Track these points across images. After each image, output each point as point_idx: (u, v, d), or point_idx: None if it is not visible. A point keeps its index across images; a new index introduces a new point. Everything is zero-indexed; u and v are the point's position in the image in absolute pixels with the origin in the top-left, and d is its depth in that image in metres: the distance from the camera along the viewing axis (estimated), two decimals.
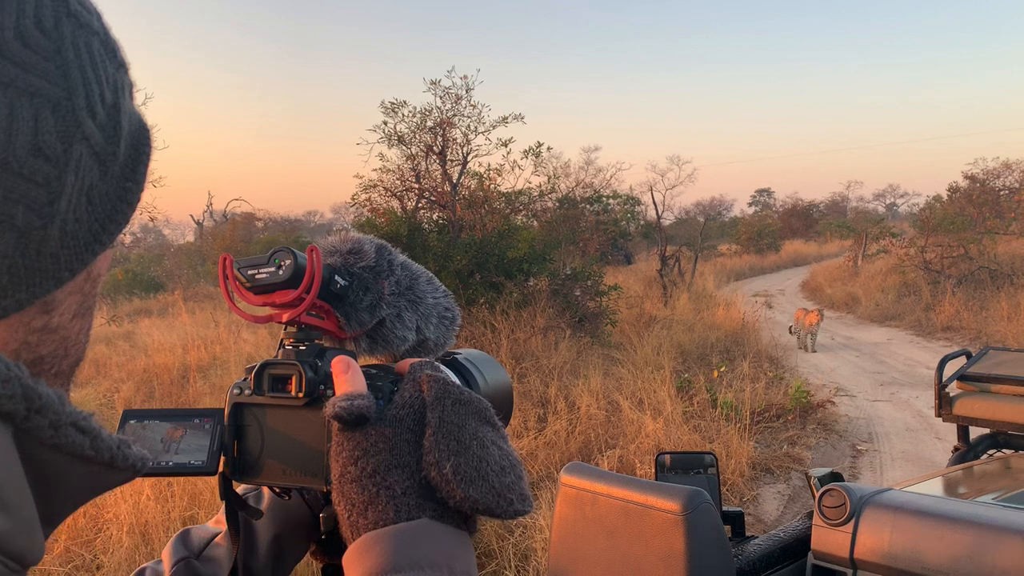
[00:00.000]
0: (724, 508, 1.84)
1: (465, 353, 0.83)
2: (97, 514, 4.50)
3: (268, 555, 0.79)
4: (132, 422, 0.69)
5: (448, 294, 0.80)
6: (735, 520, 1.89)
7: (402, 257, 0.77)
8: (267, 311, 0.69)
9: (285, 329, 0.69)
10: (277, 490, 0.72)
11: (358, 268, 0.72)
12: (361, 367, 0.68)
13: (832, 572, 1.82)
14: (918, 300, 15.70)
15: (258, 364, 0.68)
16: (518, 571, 4.05)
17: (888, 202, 69.78)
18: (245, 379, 0.69)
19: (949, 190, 21.39)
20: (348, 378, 0.63)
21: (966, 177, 20.66)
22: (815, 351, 11.80)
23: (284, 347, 0.69)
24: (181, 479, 4.68)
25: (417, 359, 0.67)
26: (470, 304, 9.93)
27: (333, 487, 0.61)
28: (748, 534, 1.92)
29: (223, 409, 0.70)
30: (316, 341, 0.69)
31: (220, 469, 0.69)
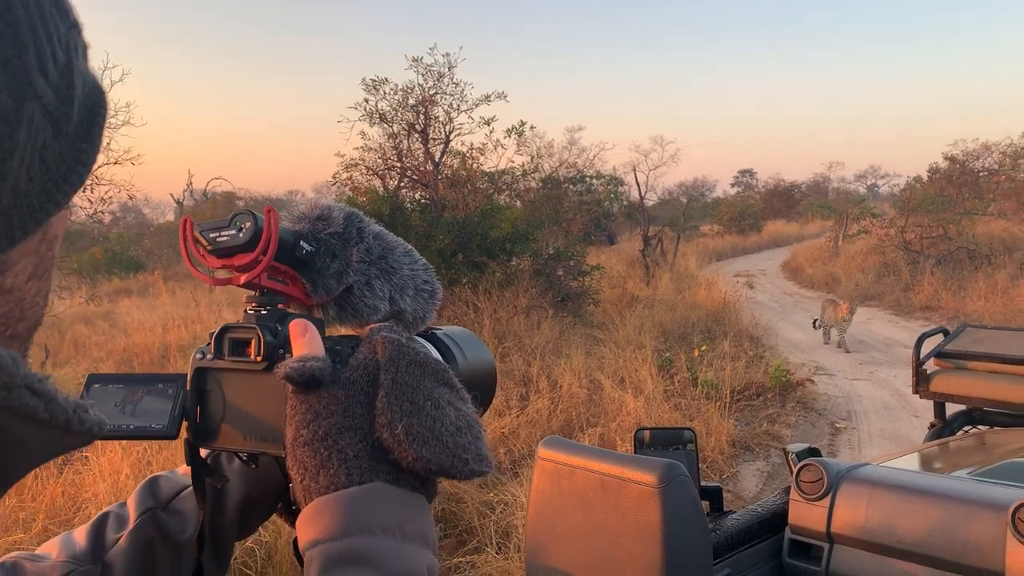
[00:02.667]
0: (702, 484, 1.85)
1: (447, 329, 0.82)
2: (76, 493, 4.48)
3: (235, 514, 0.79)
4: (96, 386, 0.68)
5: (428, 267, 0.79)
6: (713, 495, 1.90)
7: (376, 227, 0.75)
8: (226, 274, 0.68)
9: (248, 295, 0.68)
10: (244, 456, 0.71)
11: (325, 234, 0.70)
12: (328, 337, 0.67)
13: (809, 546, 1.84)
14: (898, 280, 15.84)
15: (219, 328, 0.67)
16: (499, 548, 4.07)
17: (869, 183, 70.24)
18: (208, 344, 0.68)
19: (929, 171, 21.53)
20: (305, 341, 0.63)
21: (946, 158, 20.79)
22: (848, 351, 10.31)
23: (246, 311, 0.68)
24: (161, 457, 4.66)
25: (378, 324, 0.65)
26: (452, 284, 9.91)
27: (287, 451, 0.60)
28: (726, 509, 1.93)
29: (186, 374, 0.69)
30: (279, 306, 0.68)
31: (185, 435, 0.68)
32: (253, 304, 0.68)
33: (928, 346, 2.84)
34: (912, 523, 1.65)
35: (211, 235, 0.66)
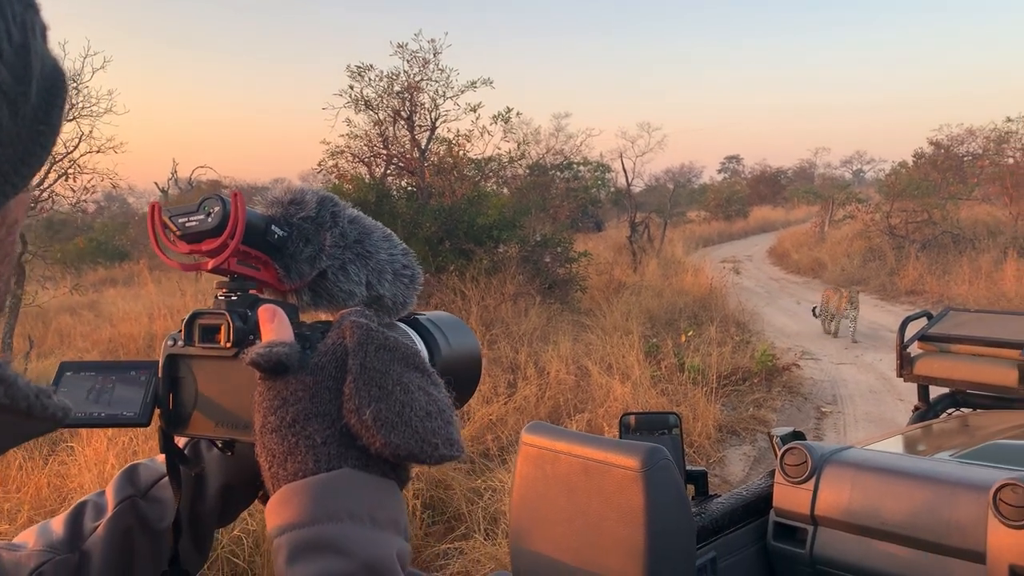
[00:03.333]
0: (688, 468, 1.86)
1: (431, 315, 0.81)
2: (61, 484, 4.45)
3: (215, 502, 0.78)
4: (68, 374, 0.67)
5: (408, 252, 0.78)
6: (698, 479, 1.91)
7: (352, 211, 0.75)
8: (196, 259, 0.67)
9: (218, 280, 0.68)
10: (219, 444, 0.70)
11: (298, 219, 0.70)
12: (300, 323, 0.66)
13: (793, 529, 1.85)
14: (883, 265, 15.93)
15: (189, 314, 0.66)
16: (487, 534, 4.08)
17: (855, 168, 70.48)
18: (180, 330, 0.67)
19: (914, 156, 21.66)
20: (273, 327, 0.62)
21: (931, 143, 20.91)
22: (856, 340, 9.90)
23: (217, 297, 0.67)
24: (147, 447, 4.64)
25: (349, 309, 0.65)
26: (440, 271, 9.89)
27: (255, 438, 0.60)
28: (712, 493, 1.94)
29: (159, 361, 0.68)
30: (251, 292, 0.68)
31: (160, 423, 0.68)
32: (223, 290, 0.67)
33: (912, 330, 2.86)
34: (895, 505, 1.67)
35: (180, 220, 0.65)
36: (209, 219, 0.63)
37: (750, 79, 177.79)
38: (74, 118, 8.69)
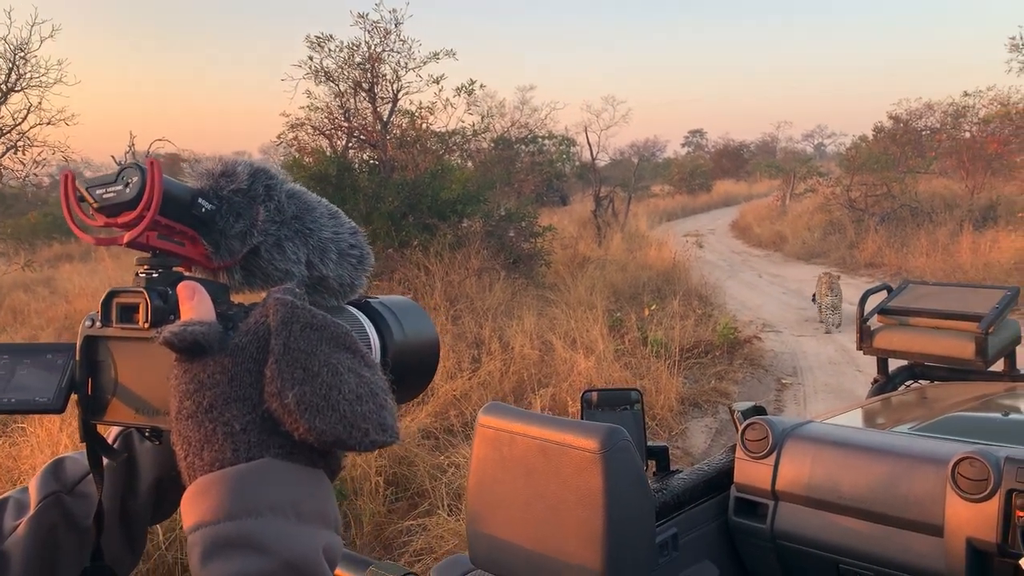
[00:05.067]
0: (649, 443, 1.84)
1: (384, 299, 0.76)
2: (13, 466, 4.34)
3: (149, 496, 0.74)
4: None
5: (356, 231, 0.73)
6: (659, 455, 1.89)
7: (291, 185, 0.69)
8: (111, 234, 0.62)
9: (139, 256, 0.63)
10: (146, 433, 0.66)
11: (228, 192, 0.64)
12: (226, 302, 0.62)
13: (754, 504, 1.84)
14: (843, 238, 16.15)
15: (106, 292, 0.62)
16: (451, 509, 4.07)
17: (816, 142, 71.24)
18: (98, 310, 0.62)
19: (874, 130, 21.86)
20: (192, 305, 0.57)
21: (890, 117, 21.11)
22: (828, 332, 9.00)
23: (137, 275, 0.62)
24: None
25: (280, 287, 0.60)
26: (403, 246, 9.80)
27: (171, 425, 0.55)
28: (673, 468, 1.93)
29: (76, 343, 0.63)
30: (175, 269, 0.63)
31: (82, 411, 0.63)
32: (144, 267, 0.62)
33: (872, 303, 2.87)
34: (855, 479, 1.67)
35: (97, 191, 0.60)
36: (127, 190, 0.58)
37: (714, 54, 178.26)
38: (22, 89, 8.41)
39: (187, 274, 0.64)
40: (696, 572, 1.78)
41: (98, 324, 0.62)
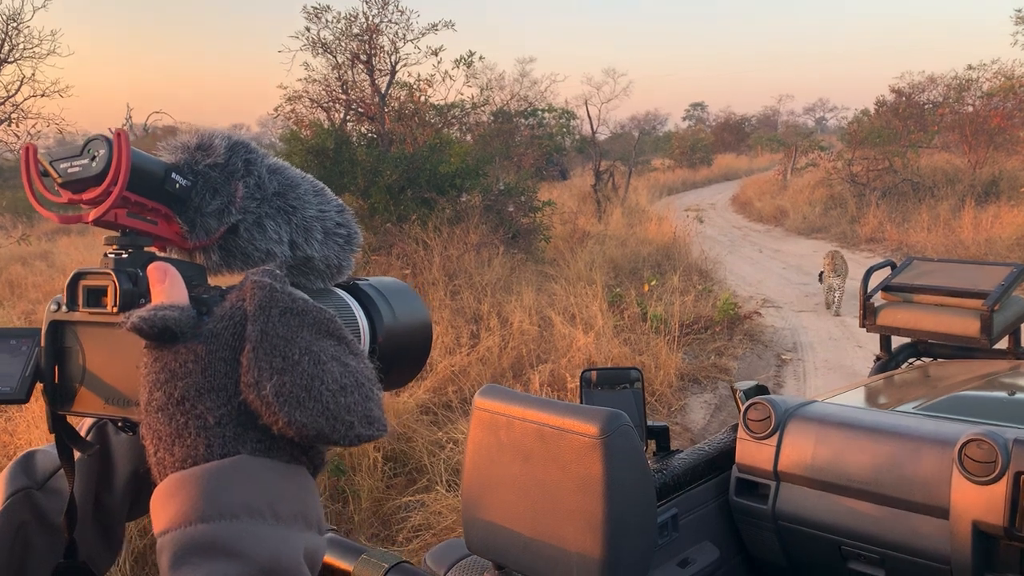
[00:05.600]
0: (649, 423, 1.81)
1: (374, 281, 0.72)
2: (9, 441, 4.33)
3: (125, 492, 0.70)
4: None
5: (343, 209, 0.69)
6: (660, 435, 1.87)
7: (273, 160, 0.65)
8: (77, 210, 0.58)
9: (108, 235, 0.58)
10: (120, 424, 0.62)
11: (204, 166, 0.60)
12: (200, 285, 0.57)
13: (755, 484, 1.82)
14: (844, 213, 16.08)
15: (72, 273, 0.57)
16: (449, 485, 4.06)
17: (818, 116, 70.82)
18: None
19: (876, 104, 21.68)
20: (164, 288, 0.53)
21: (893, 91, 20.93)
22: (838, 314, 8.54)
23: (105, 255, 0.58)
24: None
25: (259, 268, 0.55)
26: (401, 220, 9.74)
27: (141, 417, 0.51)
28: (673, 447, 1.90)
29: (41, 328, 0.59)
30: (146, 249, 0.58)
31: (48, 401, 0.59)
32: (113, 247, 0.57)
33: (876, 279, 2.83)
34: (859, 460, 1.64)
35: (62, 165, 0.55)
36: (93, 164, 0.53)
37: (716, 27, 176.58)
38: (15, 60, 8.31)
39: (160, 254, 0.60)
40: (696, 552, 1.76)
41: (64, 308, 0.58)
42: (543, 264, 10.21)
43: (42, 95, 8.97)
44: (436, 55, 11.28)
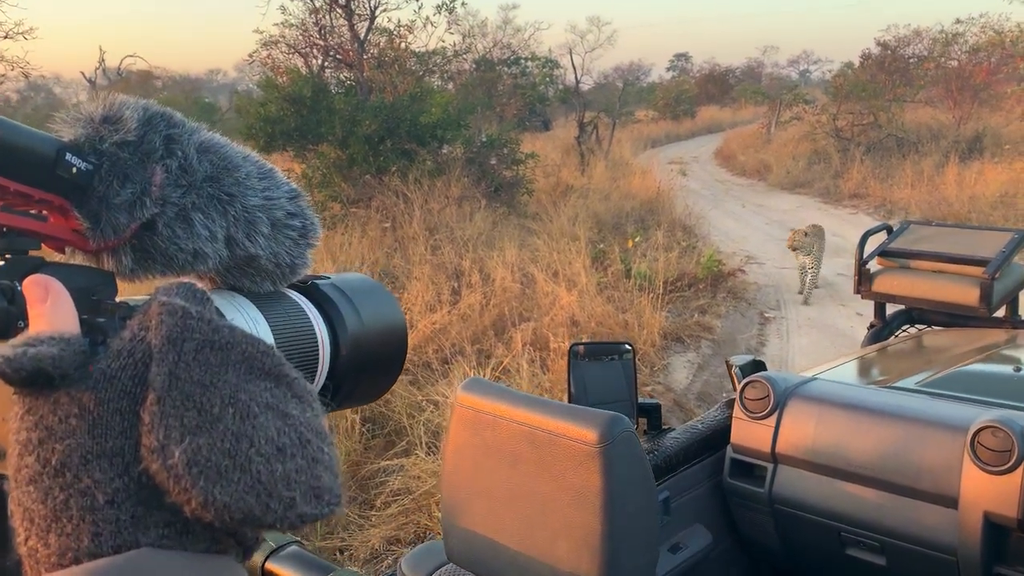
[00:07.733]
0: (640, 400, 1.72)
1: (337, 279, 0.59)
2: None
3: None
4: None
5: (297, 194, 0.54)
6: (651, 412, 1.78)
7: (205, 135, 0.50)
8: None
9: None
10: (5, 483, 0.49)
11: (111, 145, 0.46)
12: (115, 303, 0.44)
13: (751, 466, 1.73)
14: (827, 167, 15.98)
15: None
16: (429, 448, 3.97)
17: (802, 68, 70.20)
18: None
19: (861, 57, 21.43)
20: (44, 310, 0.38)
21: (878, 44, 20.67)
22: (808, 303, 7.35)
23: None
24: None
25: (172, 282, 0.41)
26: (381, 173, 9.53)
27: (9, 488, 0.36)
28: (665, 426, 1.81)
29: None
30: (31, 253, 0.44)
31: None
32: None
33: (872, 245, 2.73)
34: (863, 444, 1.55)
35: None
36: None
37: None
38: None
39: (53, 261, 0.46)
40: (687, 536, 1.68)
41: None
42: (526, 218, 10.06)
43: (4, 37, 8.59)
44: (417, 0, 10.94)
